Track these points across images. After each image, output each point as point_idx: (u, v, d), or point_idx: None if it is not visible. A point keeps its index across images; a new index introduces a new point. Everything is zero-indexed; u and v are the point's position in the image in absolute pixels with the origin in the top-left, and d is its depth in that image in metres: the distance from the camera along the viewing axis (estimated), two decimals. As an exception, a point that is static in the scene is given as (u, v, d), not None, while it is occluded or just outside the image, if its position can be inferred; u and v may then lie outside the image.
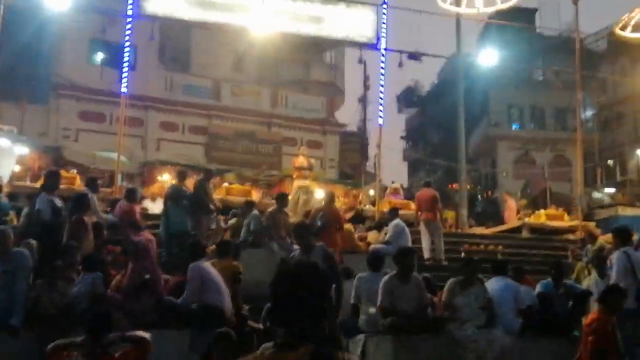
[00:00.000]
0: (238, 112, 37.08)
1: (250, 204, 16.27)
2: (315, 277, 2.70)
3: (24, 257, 8.78)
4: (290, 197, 18.14)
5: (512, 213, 25.52)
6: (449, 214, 27.17)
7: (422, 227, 17.63)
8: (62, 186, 15.08)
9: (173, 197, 15.51)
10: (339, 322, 10.28)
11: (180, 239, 14.50)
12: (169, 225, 15.10)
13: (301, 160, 21.39)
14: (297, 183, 20.72)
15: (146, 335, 6.74)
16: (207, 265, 9.51)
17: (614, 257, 10.70)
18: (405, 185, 41.14)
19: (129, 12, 20.58)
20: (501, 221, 26.19)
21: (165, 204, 15.76)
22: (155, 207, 19.24)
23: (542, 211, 23.72)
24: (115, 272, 10.60)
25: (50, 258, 9.19)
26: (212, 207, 15.99)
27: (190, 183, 16.74)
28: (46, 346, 8.25)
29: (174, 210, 15.29)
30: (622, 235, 10.87)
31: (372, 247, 15.37)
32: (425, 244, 17.53)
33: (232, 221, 16.28)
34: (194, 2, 21.04)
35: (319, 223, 14.69)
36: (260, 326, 10.88)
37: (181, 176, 16.51)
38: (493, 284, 10.54)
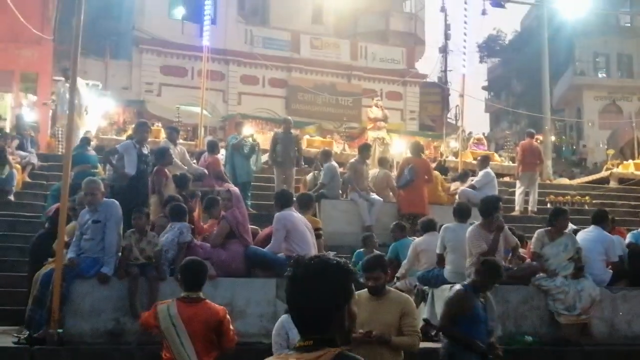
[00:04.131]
0: (317, 65, 36.96)
1: (327, 154, 15.69)
2: (322, 278, 2.55)
3: (115, 207, 8.92)
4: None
5: None
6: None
7: (521, 178, 17.40)
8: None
9: (237, 146, 15.64)
10: (421, 274, 10.24)
11: (246, 189, 14.78)
12: (235, 175, 15.26)
13: (376, 112, 21.22)
14: (373, 134, 20.60)
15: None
16: (294, 214, 9.50)
17: None
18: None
19: (209, -34, 20.59)
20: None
21: (230, 154, 15.83)
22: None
23: (630, 161, 23.17)
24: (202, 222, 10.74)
25: (139, 209, 9.30)
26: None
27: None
28: (135, 294, 8.49)
29: (239, 161, 15.50)
30: None
31: (460, 189, 15.25)
32: (519, 195, 17.31)
33: (310, 176, 16.21)
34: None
35: (407, 175, 14.53)
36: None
37: (239, 126, 16.84)
38: (584, 234, 10.34)
